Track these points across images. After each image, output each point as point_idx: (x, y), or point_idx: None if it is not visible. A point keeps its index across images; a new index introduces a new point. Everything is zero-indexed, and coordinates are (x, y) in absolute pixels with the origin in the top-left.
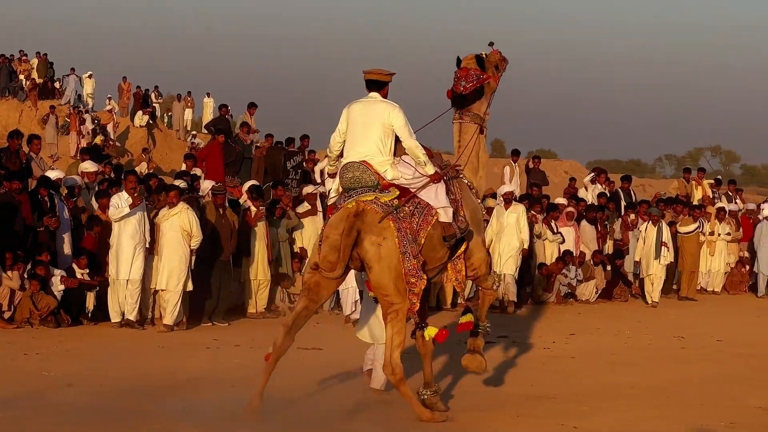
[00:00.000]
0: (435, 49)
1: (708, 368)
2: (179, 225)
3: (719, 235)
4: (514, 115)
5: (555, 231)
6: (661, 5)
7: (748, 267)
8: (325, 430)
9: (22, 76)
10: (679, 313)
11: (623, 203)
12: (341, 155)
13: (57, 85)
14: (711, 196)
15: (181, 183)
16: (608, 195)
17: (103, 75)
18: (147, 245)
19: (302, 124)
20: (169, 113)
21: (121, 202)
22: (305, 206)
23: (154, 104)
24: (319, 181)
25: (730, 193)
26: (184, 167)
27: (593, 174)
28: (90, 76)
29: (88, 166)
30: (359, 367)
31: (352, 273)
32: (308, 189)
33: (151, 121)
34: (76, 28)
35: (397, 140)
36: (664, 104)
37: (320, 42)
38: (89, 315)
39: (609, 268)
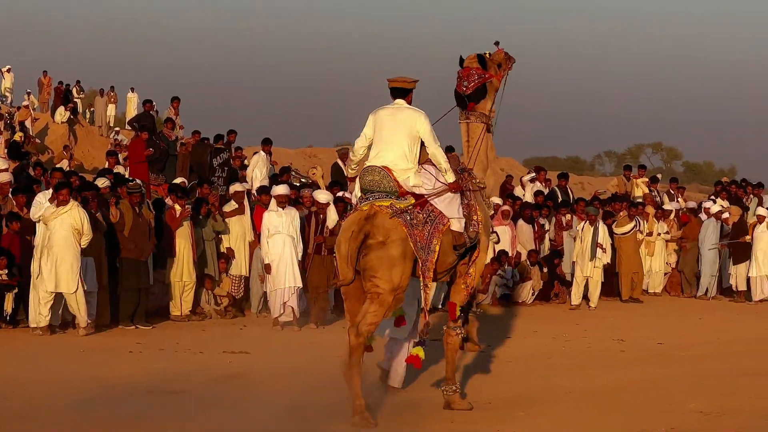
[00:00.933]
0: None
1: (648, 372)
2: (70, 223)
3: (659, 234)
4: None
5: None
6: None
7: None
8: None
9: None
10: (619, 315)
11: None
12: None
13: None
14: (651, 194)
15: (103, 181)
16: (545, 193)
17: (22, 69)
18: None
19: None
20: (92, 109)
21: (44, 201)
22: (232, 205)
23: (75, 99)
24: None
25: (672, 191)
26: (106, 165)
27: (533, 173)
28: (9, 71)
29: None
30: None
31: (293, 276)
32: (236, 187)
33: (72, 117)
34: None
35: (421, 146)
36: (603, 99)
37: (247, 33)
38: (7, 318)
39: (546, 269)
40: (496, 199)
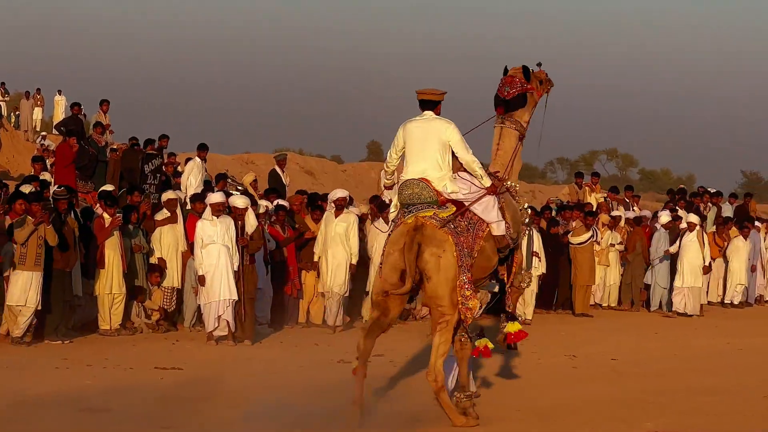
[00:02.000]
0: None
1: (601, 389)
2: None
3: (612, 245)
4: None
5: None
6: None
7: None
8: None
9: None
10: (571, 329)
11: None
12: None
13: None
14: (607, 203)
15: (29, 188)
16: None
17: None
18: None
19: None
20: (17, 112)
21: None
22: (164, 213)
23: None
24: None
25: (627, 200)
26: (32, 171)
27: None
28: None
29: None
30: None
31: (228, 289)
32: (168, 195)
33: None
34: None
35: (453, 155)
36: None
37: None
38: None
39: (494, 281)
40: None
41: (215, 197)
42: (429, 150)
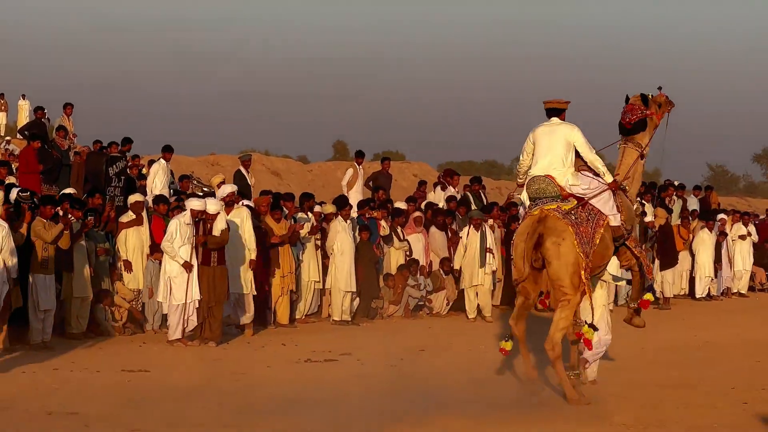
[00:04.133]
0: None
1: None
2: None
3: None
4: (360, 115)
5: (402, 238)
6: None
7: None
8: None
9: None
10: (536, 326)
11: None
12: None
13: None
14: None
15: None
16: (458, 198)
17: None
18: None
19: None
20: None
21: None
22: (130, 215)
23: None
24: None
25: None
26: None
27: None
28: None
29: None
30: None
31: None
32: (135, 197)
33: None
34: None
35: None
36: (519, 102)
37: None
38: None
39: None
40: (402, 204)
41: (197, 204)
42: (554, 150)
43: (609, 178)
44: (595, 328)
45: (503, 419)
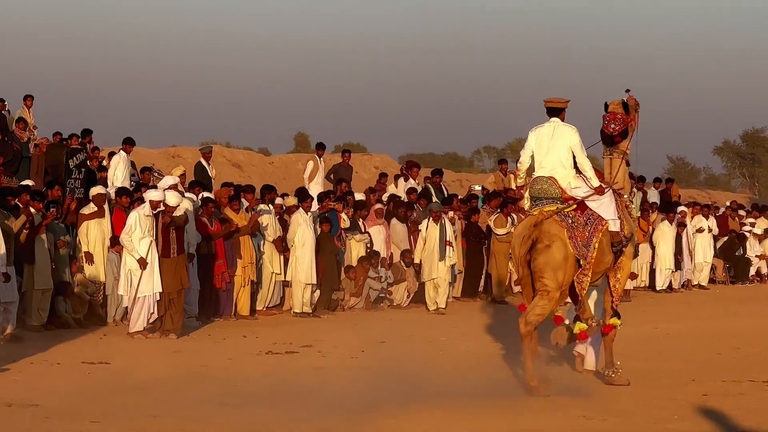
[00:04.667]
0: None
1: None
2: None
3: None
4: (321, 107)
5: (363, 230)
6: None
7: None
8: None
9: None
10: (501, 317)
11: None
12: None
13: None
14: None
15: None
16: (418, 191)
17: None
18: None
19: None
20: None
21: None
22: (92, 207)
23: None
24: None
25: None
26: None
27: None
28: None
29: None
30: None
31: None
32: (97, 190)
33: None
34: None
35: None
36: (481, 91)
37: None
38: None
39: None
40: (361, 195)
41: (155, 194)
42: (556, 151)
43: (595, 183)
44: (618, 315)
45: (464, 409)
